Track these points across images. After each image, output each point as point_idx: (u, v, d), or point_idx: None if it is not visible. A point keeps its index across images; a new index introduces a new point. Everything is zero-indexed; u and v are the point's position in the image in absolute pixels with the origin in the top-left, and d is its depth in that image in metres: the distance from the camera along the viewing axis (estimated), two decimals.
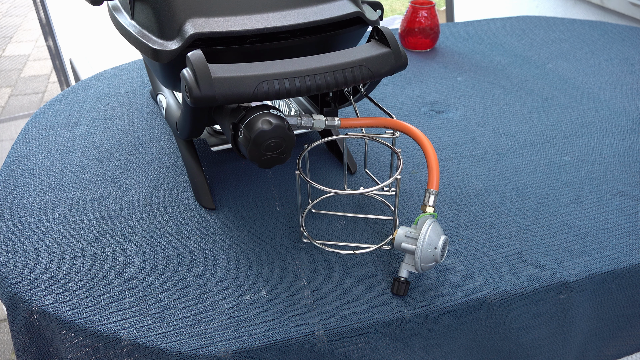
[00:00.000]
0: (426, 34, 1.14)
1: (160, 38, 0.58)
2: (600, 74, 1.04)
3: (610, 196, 0.71)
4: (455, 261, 0.61)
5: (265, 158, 0.54)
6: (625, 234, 0.64)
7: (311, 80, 0.55)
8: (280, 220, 0.67)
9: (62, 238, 0.64)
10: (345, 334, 0.53)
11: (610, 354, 0.65)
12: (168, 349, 0.51)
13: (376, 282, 0.58)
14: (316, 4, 0.62)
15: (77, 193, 0.71)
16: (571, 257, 0.61)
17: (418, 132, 0.59)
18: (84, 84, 1.01)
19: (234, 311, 0.55)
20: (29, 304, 0.55)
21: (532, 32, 1.26)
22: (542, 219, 0.67)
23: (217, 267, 0.60)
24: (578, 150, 0.80)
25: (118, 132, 0.85)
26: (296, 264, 0.60)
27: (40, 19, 1.87)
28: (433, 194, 0.56)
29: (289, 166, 0.77)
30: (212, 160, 0.78)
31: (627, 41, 1.19)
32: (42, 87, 2.94)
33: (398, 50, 0.58)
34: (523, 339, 0.59)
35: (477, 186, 0.73)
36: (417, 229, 0.54)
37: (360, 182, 0.74)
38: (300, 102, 0.81)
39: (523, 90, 0.99)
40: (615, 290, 0.61)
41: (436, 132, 0.86)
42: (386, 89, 1.00)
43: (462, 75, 1.05)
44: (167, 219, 0.67)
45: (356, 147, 0.82)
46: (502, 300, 0.57)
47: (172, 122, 0.74)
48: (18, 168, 0.76)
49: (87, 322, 0.53)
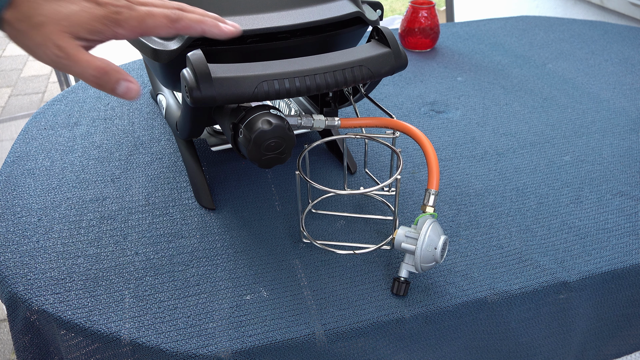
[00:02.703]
0: (426, 34, 1.14)
1: (160, 38, 0.58)
2: (600, 74, 1.04)
3: (610, 196, 0.71)
4: (455, 261, 0.61)
5: (265, 158, 0.54)
6: (625, 234, 0.64)
7: (311, 80, 0.55)
8: (280, 220, 0.67)
9: (62, 238, 0.64)
10: (345, 334, 0.53)
11: (609, 353, 0.65)
12: (168, 349, 0.51)
13: (376, 282, 0.58)
14: (316, 4, 0.62)
15: (77, 193, 0.71)
16: (571, 257, 0.61)
17: (418, 132, 0.59)
18: (84, 84, 1.01)
19: (234, 311, 0.55)
20: (29, 304, 0.55)
21: (532, 32, 1.26)
22: (542, 219, 0.67)
23: (217, 267, 0.60)
24: (578, 150, 0.80)
25: (118, 132, 0.85)
26: (296, 264, 0.60)
27: None
28: (433, 194, 0.56)
29: (289, 166, 0.77)
30: (212, 160, 0.78)
31: (627, 41, 1.19)
32: (42, 87, 2.94)
33: (398, 50, 0.58)
34: (523, 339, 0.59)
35: (477, 186, 0.73)
36: (417, 229, 0.54)
37: (360, 182, 0.74)
38: (300, 102, 0.81)
39: (523, 90, 0.99)
40: (615, 290, 0.61)
41: (436, 132, 0.86)
42: (386, 89, 1.00)
43: (462, 75, 1.05)
44: (167, 219, 0.67)
45: (356, 147, 0.82)
46: (502, 300, 0.57)
47: (172, 122, 0.74)
48: (18, 168, 0.76)
49: (87, 322, 0.53)
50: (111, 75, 0.43)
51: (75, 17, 0.42)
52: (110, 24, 0.43)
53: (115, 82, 0.43)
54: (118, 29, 0.44)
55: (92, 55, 0.43)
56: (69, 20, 0.42)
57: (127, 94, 0.44)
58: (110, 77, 0.43)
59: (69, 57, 0.42)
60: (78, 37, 0.42)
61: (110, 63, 0.43)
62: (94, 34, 0.43)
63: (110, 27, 0.43)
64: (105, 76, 0.43)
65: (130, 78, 0.44)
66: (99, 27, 0.43)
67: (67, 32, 0.42)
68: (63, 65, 0.42)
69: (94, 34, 0.43)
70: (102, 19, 0.43)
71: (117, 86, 0.43)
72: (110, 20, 0.43)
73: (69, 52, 0.42)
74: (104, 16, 0.43)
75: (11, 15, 0.42)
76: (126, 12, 0.44)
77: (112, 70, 0.43)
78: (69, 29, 0.42)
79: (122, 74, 0.44)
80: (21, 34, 0.43)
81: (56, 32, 0.42)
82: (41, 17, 0.42)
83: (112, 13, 0.43)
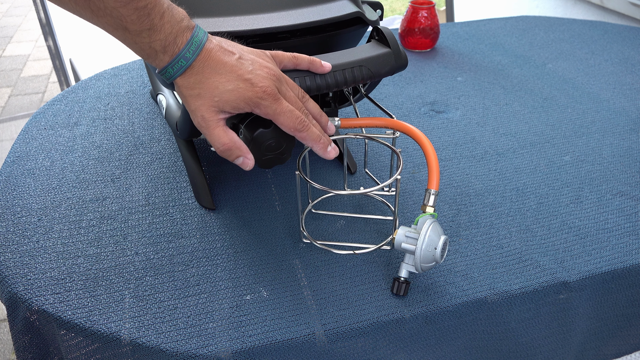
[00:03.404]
0: (426, 34, 1.14)
1: None
2: (600, 74, 1.04)
3: (610, 196, 0.71)
4: (455, 261, 0.61)
5: (265, 158, 0.54)
6: (625, 234, 0.64)
7: (311, 80, 0.55)
8: (280, 220, 0.67)
9: (62, 238, 0.64)
10: (345, 334, 0.53)
11: (609, 353, 0.65)
12: (168, 349, 0.51)
13: (376, 282, 0.58)
14: (316, 4, 0.62)
15: (77, 193, 0.71)
16: (571, 257, 0.61)
17: (418, 132, 0.59)
18: (84, 84, 1.01)
19: (234, 311, 0.55)
20: (29, 304, 0.55)
21: (532, 32, 1.26)
22: (542, 219, 0.67)
23: (217, 267, 0.60)
24: (578, 150, 0.80)
25: (118, 132, 0.85)
26: (296, 264, 0.60)
27: (40, 19, 1.87)
28: (433, 194, 0.56)
29: (289, 166, 0.77)
30: (212, 160, 0.78)
31: (627, 41, 1.19)
32: (42, 87, 2.94)
33: (398, 50, 0.58)
34: (523, 339, 0.59)
35: (477, 186, 0.73)
36: (417, 229, 0.54)
37: (360, 182, 0.74)
38: None
39: (523, 90, 0.99)
40: (615, 290, 0.61)
41: (436, 132, 0.86)
42: (386, 89, 1.00)
43: (462, 75, 1.05)
44: (167, 219, 0.67)
45: (356, 147, 0.82)
46: (502, 300, 0.57)
47: (172, 122, 0.74)
48: (18, 168, 0.76)
49: (87, 322, 0.53)
50: (233, 152, 0.53)
51: (227, 96, 0.50)
52: (252, 105, 0.51)
53: (235, 157, 0.53)
54: (255, 109, 0.51)
55: (225, 131, 0.52)
56: (220, 97, 0.50)
57: (242, 166, 0.54)
58: (232, 152, 0.53)
59: (207, 128, 0.52)
60: (223, 110, 0.51)
61: (235, 140, 0.52)
62: (235, 110, 0.51)
63: (251, 106, 0.51)
64: (228, 151, 0.52)
65: (247, 154, 0.53)
66: (242, 106, 0.51)
67: (214, 107, 0.51)
68: (202, 130, 0.52)
69: (235, 110, 0.51)
70: (248, 100, 0.50)
71: (236, 160, 0.53)
72: (253, 102, 0.50)
73: (209, 125, 0.51)
74: (250, 98, 0.50)
75: (182, 82, 0.51)
76: (269, 101, 0.50)
77: (234, 148, 0.52)
78: (218, 104, 0.50)
79: (242, 150, 0.53)
80: (183, 98, 0.52)
81: (206, 105, 0.51)
82: (200, 91, 0.50)
83: (257, 97, 0.50)
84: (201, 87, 0.50)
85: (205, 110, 0.51)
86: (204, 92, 0.50)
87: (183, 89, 0.51)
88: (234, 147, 0.52)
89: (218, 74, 0.50)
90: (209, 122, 0.51)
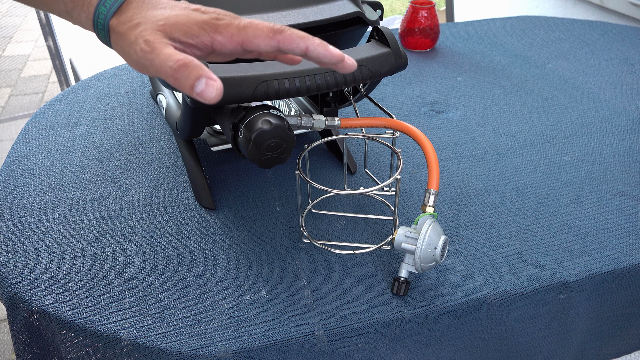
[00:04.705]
0: (426, 34, 1.14)
1: None
2: (600, 74, 1.04)
3: (610, 196, 0.71)
4: (455, 261, 0.61)
5: (265, 158, 0.54)
6: (625, 234, 0.64)
7: (311, 80, 0.55)
8: (280, 220, 0.67)
9: (62, 238, 0.64)
10: (345, 334, 0.53)
11: (609, 353, 0.65)
12: (168, 349, 0.51)
13: (376, 282, 0.58)
14: (316, 4, 0.62)
15: (77, 193, 0.71)
16: (571, 257, 0.61)
17: (418, 132, 0.59)
18: (84, 84, 1.01)
19: (234, 311, 0.55)
20: (29, 304, 0.55)
21: (532, 32, 1.26)
22: (542, 219, 0.67)
23: (217, 267, 0.60)
24: (578, 150, 0.80)
25: (118, 132, 0.85)
26: (296, 264, 0.60)
27: (40, 19, 1.87)
28: (433, 194, 0.56)
29: (289, 166, 0.77)
30: (212, 160, 0.78)
31: (627, 41, 1.19)
32: (42, 87, 2.94)
33: (398, 50, 0.58)
34: (523, 339, 0.59)
35: (477, 186, 0.73)
36: (417, 229, 0.54)
37: (360, 182, 0.74)
38: (300, 102, 0.81)
39: (523, 90, 0.99)
40: (615, 290, 0.61)
41: (436, 132, 0.86)
42: (386, 89, 1.00)
43: (462, 75, 1.05)
44: (167, 219, 0.67)
45: (356, 147, 0.82)
46: (502, 300, 0.57)
47: (172, 122, 0.74)
48: (18, 168, 0.76)
49: (87, 322, 0.53)
50: (191, 70, 0.39)
51: (174, 18, 0.41)
52: (208, 28, 0.42)
53: (196, 78, 0.39)
54: (216, 35, 0.42)
55: (177, 52, 0.40)
56: (166, 20, 0.41)
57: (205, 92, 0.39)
58: (190, 71, 0.39)
59: (153, 50, 0.40)
60: (171, 37, 0.41)
61: (194, 59, 0.40)
62: (189, 37, 0.41)
63: (208, 32, 0.42)
64: (184, 69, 0.39)
65: (211, 74, 0.39)
66: (196, 31, 0.41)
67: (160, 31, 0.41)
68: (146, 59, 0.40)
69: (189, 36, 0.41)
70: (201, 23, 0.42)
71: (197, 83, 0.39)
72: (210, 25, 0.42)
73: (155, 46, 0.40)
74: (203, 21, 0.42)
75: (116, 21, 0.42)
76: (228, 19, 0.42)
77: (192, 65, 0.39)
78: (164, 27, 0.41)
79: (203, 69, 0.39)
80: (120, 36, 0.42)
81: (149, 29, 0.41)
82: (140, 19, 0.42)
83: (212, 19, 0.42)
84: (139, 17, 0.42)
85: (149, 34, 0.41)
86: (145, 19, 0.42)
87: (119, 26, 0.42)
88: (192, 64, 0.40)
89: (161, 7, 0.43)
90: (155, 43, 0.40)
